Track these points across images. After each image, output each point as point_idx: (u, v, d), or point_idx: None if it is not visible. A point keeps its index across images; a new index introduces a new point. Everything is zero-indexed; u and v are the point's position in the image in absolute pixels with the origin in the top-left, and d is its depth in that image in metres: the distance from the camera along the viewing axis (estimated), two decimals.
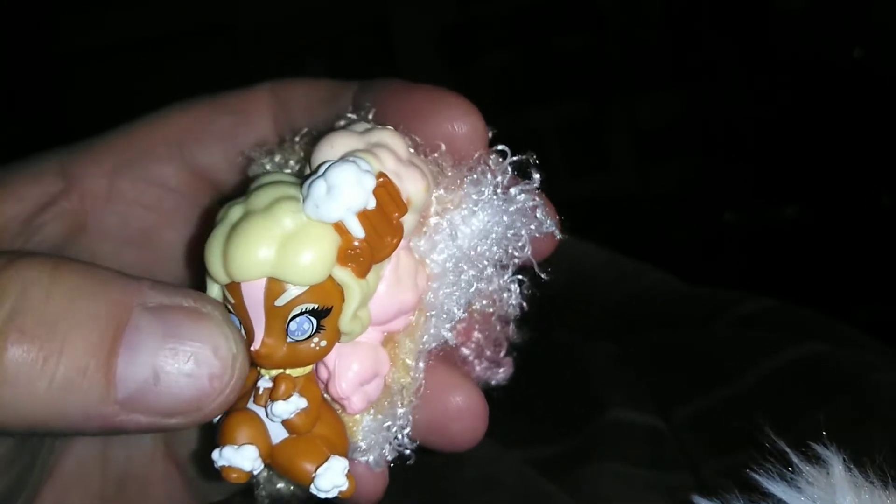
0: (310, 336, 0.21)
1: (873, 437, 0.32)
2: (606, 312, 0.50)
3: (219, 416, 0.21)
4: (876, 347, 0.40)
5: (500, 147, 0.25)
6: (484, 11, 1.38)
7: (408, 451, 0.25)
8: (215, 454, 0.21)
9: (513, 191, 0.24)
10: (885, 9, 1.32)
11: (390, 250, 0.21)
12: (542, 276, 0.25)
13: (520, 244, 0.24)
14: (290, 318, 0.20)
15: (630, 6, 1.49)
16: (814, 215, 1.33)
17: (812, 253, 1.28)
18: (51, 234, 0.27)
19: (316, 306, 0.21)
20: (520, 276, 0.25)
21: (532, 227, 0.24)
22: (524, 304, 0.26)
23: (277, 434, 0.22)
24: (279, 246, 0.20)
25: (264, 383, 0.22)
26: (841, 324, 0.43)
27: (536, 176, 0.24)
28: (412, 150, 0.23)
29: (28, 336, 0.18)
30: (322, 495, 0.22)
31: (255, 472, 0.21)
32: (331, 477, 0.21)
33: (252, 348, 0.21)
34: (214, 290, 0.21)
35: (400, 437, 0.24)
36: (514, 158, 0.24)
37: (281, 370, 0.21)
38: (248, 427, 0.21)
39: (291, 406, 0.21)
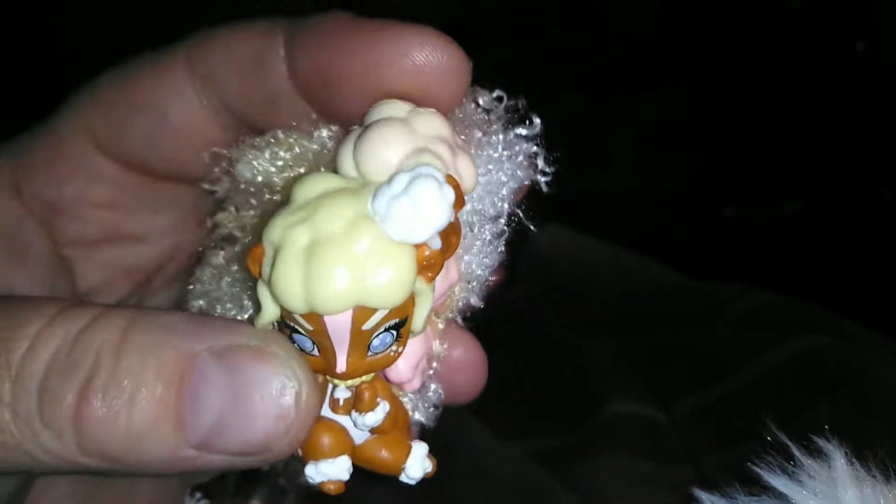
0: (387, 348, 0.21)
1: (875, 431, 0.32)
2: (608, 308, 0.50)
3: None
4: (877, 342, 0.40)
5: (497, 93, 0.24)
6: (484, 8, 1.38)
7: (438, 410, 0.26)
8: (311, 470, 0.21)
9: (513, 137, 0.24)
10: (885, 7, 1.31)
11: (455, 249, 0.21)
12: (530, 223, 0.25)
13: (512, 192, 0.24)
14: (374, 337, 0.20)
15: (630, 3, 1.48)
16: (815, 210, 1.33)
17: (813, 248, 1.28)
18: (42, 247, 0.27)
19: (397, 321, 0.20)
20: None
21: (531, 174, 0.24)
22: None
23: (357, 436, 0.22)
24: (367, 274, 0.19)
25: (341, 393, 0.21)
26: (842, 318, 0.43)
27: (537, 121, 0.24)
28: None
29: (101, 396, 0.19)
30: (412, 482, 0.23)
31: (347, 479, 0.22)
32: (420, 464, 0.22)
33: (337, 371, 0.20)
34: (270, 310, 0.20)
35: (436, 398, 0.25)
36: (510, 103, 0.24)
37: (357, 380, 0.21)
38: (334, 437, 0.22)
39: (380, 414, 0.22)
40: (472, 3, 1.39)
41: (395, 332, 0.20)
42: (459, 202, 0.20)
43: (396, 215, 0.19)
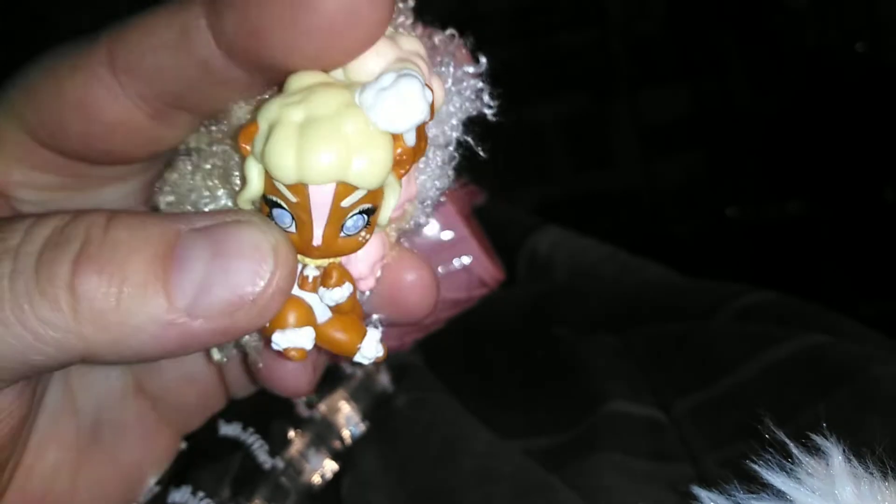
0: (358, 231, 0.23)
1: (873, 429, 0.32)
2: (607, 307, 0.50)
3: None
4: (877, 340, 0.40)
5: (449, 31, 0.26)
6: (486, 7, 1.38)
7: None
8: (278, 337, 0.24)
9: (461, 73, 0.26)
10: (889, 4, 1.31)
11: (422, 154, 0.23)
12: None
13: (461, 122, 0.27)
14: (349, 216, 0.22)
15: (634, 2, 1.48)
16: (817, 210, 1.33)
17: (816, 248, 1.28)
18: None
19: (370, 206, 0.23)
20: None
21: (478, 107, 0.27)
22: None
23: (320, 315, 0.25)
24: (353, 153, 0.21)
25: (311, 272, 0.24)
26: (842, 317, 0.43)
27: (483, 60, 0.26)
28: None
29: (94, 265, 0.21)
30: (366, 362, 0.26)
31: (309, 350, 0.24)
32: (374, 346, 0.25)
33: (314, 243, 0.22)
34: (255, 185, 0.22)
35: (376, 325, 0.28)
36: (460, 41, 0.26)
37: (327, 260, 0.24)
38: (300, 311, 0.24)
39: (346, 291, 0.24)
40: (475, 4, 1.39)
41: (366, 217, 0.23)
42: (431, 112, 0.23)
43: (383, 105, 0.21)
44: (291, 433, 0.43)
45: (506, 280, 0.52)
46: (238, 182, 0.25)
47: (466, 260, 0.49)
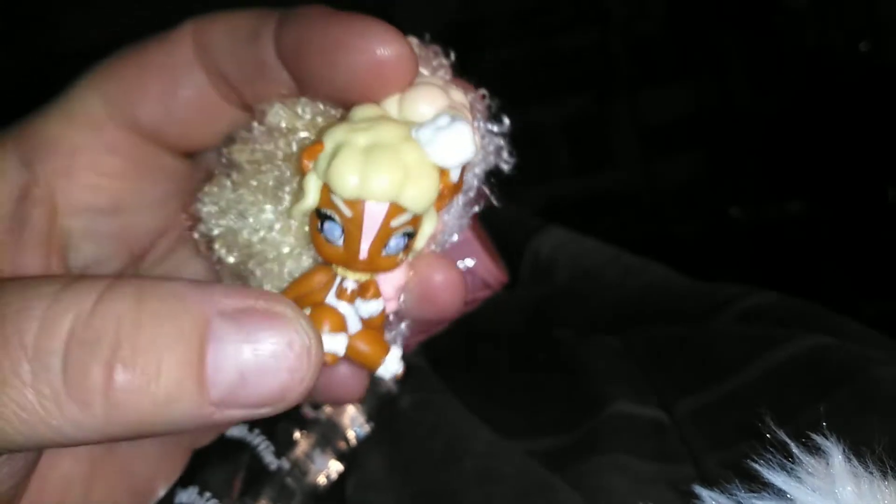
0: (398, 251, 0.25)
1: (873, 429, 0.32)
2: (609, 308, 0.50)
3: None
4: (877, 341, 0.41)
5: (482, 91, 0.28)
6: (487, 9, 1.39)
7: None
8: None
9: (485, 130, 0.28)
10: (890, 4, 1.31)
11: (456, 194, 0.26)
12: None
13: (482, 172, 0.29)
14: (393, 236, 0.25)
15: (635, 2, 1.49)
16: (820, 210, 1.33)
17: (818, 247, 1.28)
18: (38, 224, 0.28)
19: (413, 229, 0.25)
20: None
21: (498, 161, 0.29)
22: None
23: (351, 327, 0.27)
24: (410, 178, 0.24)
25: (350, 284, 0.26)
26: (843, 318, 0.43)
27: (507, 121, 0.29)
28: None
29: (130, 366, 0.20)
30: (387, 376, 0.27)
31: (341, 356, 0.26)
32: (395, 363, 0.27)
33: (360, 256, 0.25)
34: (311, 198, 0.25)
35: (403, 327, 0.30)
36: (487, 102, 0.28)
37: (365, 274, 0.26)
38: (334, 319, 0.26)
39: (380, 305, 0.26)
40: (477, 6, 1.39)
41: (406, 240, 0.25)
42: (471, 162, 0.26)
43: (440, 141, 0.24)
44: (297, 434, 0.43)
45: (508, 282, 0.52)
46: (287, 198, 0.27)
47: (470, 262, 0.50)
